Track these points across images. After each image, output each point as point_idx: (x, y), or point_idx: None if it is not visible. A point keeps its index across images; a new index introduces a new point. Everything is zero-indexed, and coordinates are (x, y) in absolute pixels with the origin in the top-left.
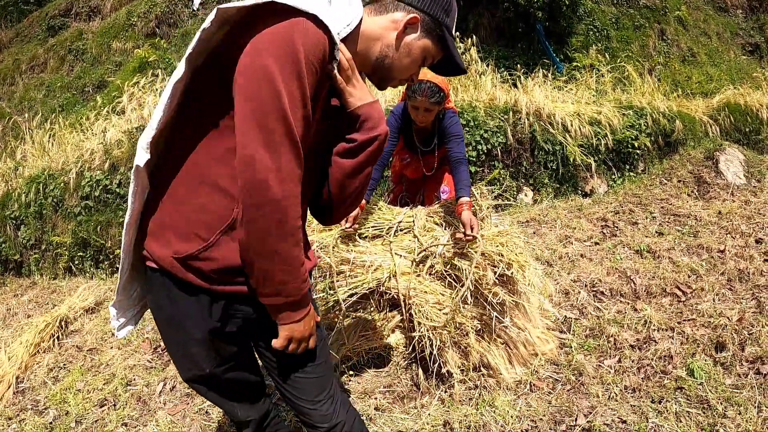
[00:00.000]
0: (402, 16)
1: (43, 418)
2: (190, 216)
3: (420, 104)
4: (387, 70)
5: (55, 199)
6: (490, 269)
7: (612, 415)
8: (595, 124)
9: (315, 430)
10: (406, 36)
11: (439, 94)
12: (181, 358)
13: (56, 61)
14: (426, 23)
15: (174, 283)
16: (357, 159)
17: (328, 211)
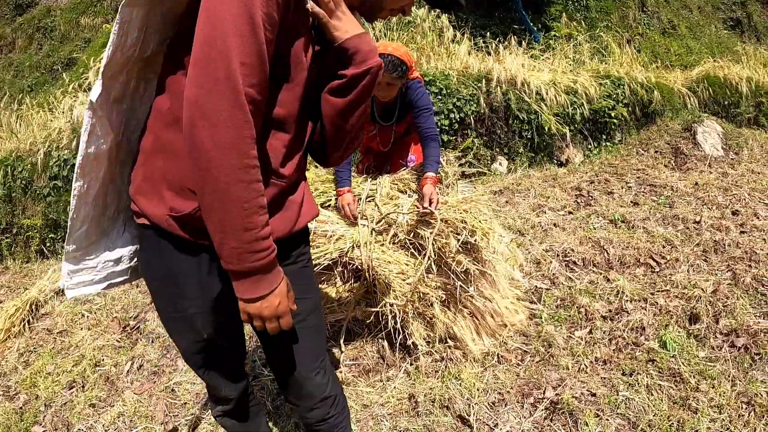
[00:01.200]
0: None
1: (14, 403)
2: (185, 170)
3: (381, 79)
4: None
5: (23, 181)
6: (453, 237)
7: (581, 387)
8: (571, 93)
9: (305, 402)
10: None
11: (400, 67)
12: (177, 322)
13: (24, 40)
14: None
15: (170, 242)
16: (349, 96)
17: (324, 154)
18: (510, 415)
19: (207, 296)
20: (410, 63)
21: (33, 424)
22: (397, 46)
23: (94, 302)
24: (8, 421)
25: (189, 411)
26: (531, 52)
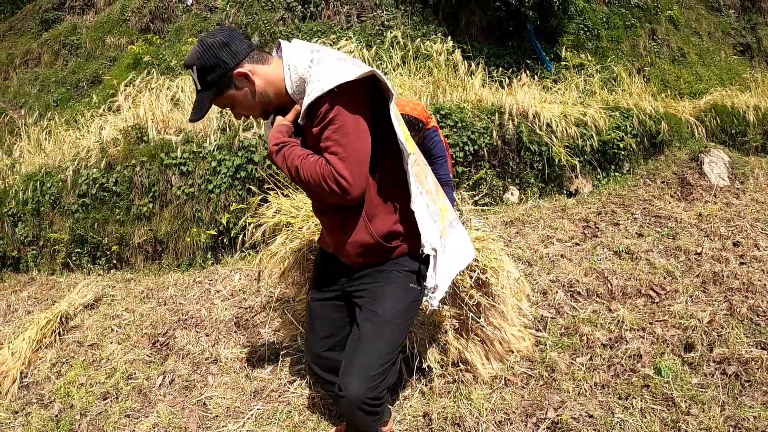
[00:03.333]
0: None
1: (49, 411)
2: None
3: None
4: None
5: (52, 197)
6: (467, 273)
7: (580, 409)
8: (581, 125)
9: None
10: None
11: (417, 125)
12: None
13: (50, 56)
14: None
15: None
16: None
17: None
18: None
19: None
20: (426, 119)
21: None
22: (414, 104)
23: (123, 317)
24: (45, 428)
25: (221, 423)
26: (543, 83)
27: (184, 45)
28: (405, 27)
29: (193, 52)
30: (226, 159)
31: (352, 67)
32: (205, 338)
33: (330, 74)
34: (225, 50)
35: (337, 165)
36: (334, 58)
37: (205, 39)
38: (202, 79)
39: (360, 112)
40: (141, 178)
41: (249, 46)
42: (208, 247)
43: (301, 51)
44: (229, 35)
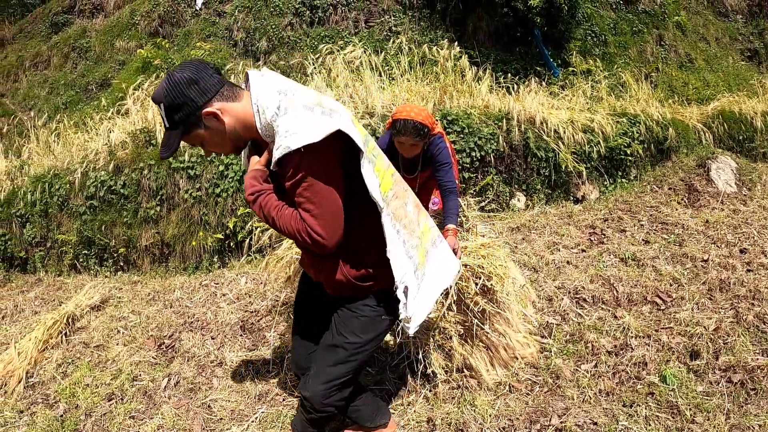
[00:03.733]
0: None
1: (54, 411)
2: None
3: (405, 141)
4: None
5: (60, 198)
6: (472, 280)
7: (584, 416)
8: (588, 132)
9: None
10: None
11: (422, 131)
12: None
13: (60, 59)
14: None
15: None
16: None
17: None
18: None
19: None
20: (431, 124)
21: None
22: (419, 110)
23: (129, 319)
24: (50, 428)
25: (225, 426)
26: (550, 89)
27: (193, 49)
28: (412, 32)
29: (160, 88)
30: (233, 163)
31: (320, 118)
32: (211, 341)
33: (296, 130)
34: (193, 88)
35: (311, 222)
36: (302, 106)
37: (173, 74)
38: (170, 117)
39: (330, 166)
40: (149, 181)
41: (219, 82)
42: (215, 251)
43: (269, 92)
44: (197, 70)
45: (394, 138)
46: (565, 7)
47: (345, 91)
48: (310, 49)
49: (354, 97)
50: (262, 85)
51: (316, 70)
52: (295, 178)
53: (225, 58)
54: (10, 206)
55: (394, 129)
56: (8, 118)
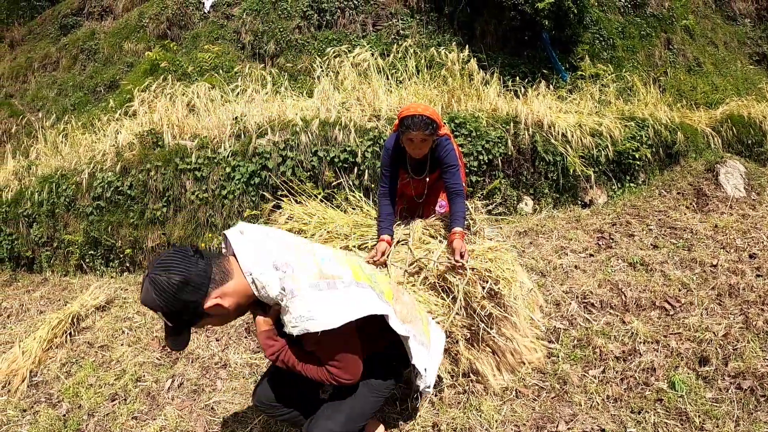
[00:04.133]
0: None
1: (57, 410)
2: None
3: (415, 137)
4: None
5: (67, 199)
6: (479, 284)
7: (592, 423)
8: (596, 136)
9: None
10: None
11: (431, 126)
12: None
13: (68, 60)
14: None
15: None
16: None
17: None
18: None
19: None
20: (439, 121)
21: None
22: (426, 107)
23: (134, 320)
24: (52, 427)
25: (228, 428)
26: (558, 92)
27: (201, 52)
28: (420, 36)
29: (149, 295)
30: (240, 165)
31: (333, 301)
32: (215, 343)
33: (312, 316)
34: (186, 289)
35: (336, 372)
36: (308, 287)
37: (159, 280)
38: (173, 321)
39: (346, 327)
40: (155, 182)
41: (205, 268)
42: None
43: (264, 268)
44: (183, 268)
45: (403, 136)
46: (573, 10)
47: (352, 94)
48: (318, 52)
49: (361, 100)
50: (250, 255)
51: (324, 72)
52: (316, 345)
53: (233, 61)
54: (17, 206)
55: (403, 126)
56: (17, 118)
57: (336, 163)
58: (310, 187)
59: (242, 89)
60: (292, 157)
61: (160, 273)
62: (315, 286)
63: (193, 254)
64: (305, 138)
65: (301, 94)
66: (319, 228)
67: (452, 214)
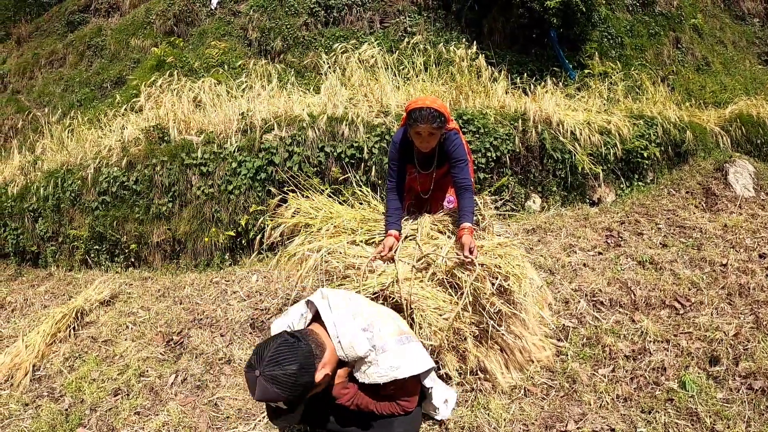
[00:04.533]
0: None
1: (59, 404)
2: None
3: (423, 130)
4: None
5: (72, 194)
6: (488, 281)
7: (602, 422)
8: (604, 133)
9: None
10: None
11: (439, 119)
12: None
13: (75, 57)
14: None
15: None
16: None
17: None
18: None
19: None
20: (447, 114)
21: (78, 426)
22: (433, 99)
23: (138, 315)
24: (54, 421)
25: (231, 425)
26: (566, 90)
27: (207, 48)
28: (428, 33)
29: (271, 392)
30: (246, 160)
31: (414, 353)
32: (220, 338)
33: (399, 365)
34: (303, 374)
35: (406, 405)
36: (394, 342)
37: (277, 375)
38: (293, 404)
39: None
40: (161, 177)
41: (307, 346)
42: (226, 248)
43: (354, 332)
44: (294, 358)
45: (411, 129)
46: (582, 8)
47: (359, 90)
48: (325, 49)
49: (368, 96)
50: (340, 322)
51: (331, 69)
52: (394, 387)
53: (239, 57)
54: (22, 201)
55: (411, 119)
56: (23, 114)
57: (343, 159)
58: (317, 182)
59: (249, 85)
60: (298, 152)
61: (274, 368)
62: (399, 341)
63: (292, 340)
64: (312, 133)
65: (308, 91)
66: (325, 222)
67: (461, 210)
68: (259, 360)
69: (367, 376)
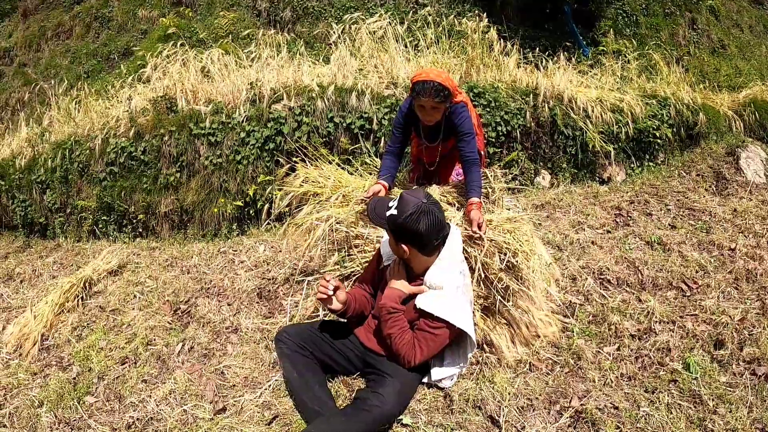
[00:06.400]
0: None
1: (67, 373)
2: None
3: (426, 103)
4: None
5: (80, 165)
6: (497, 256)
7: (605, 400)
8: (617, 112)
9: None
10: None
11: (442, 93)
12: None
13: (82, 28)
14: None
15: None
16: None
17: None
18: (537, 419)
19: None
20: (453, 88)
21: (86, 394)
22: (439, 72)
23: (146, 284)
24: (62, 390)
25: (238, 393)
26: (579, 67)
27: (216, 18)
28: (439, 5)
29: (424, 221)
30: (255, 130)
31: (465, 315)
32: (227, 307)
33: (453, 312)
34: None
35: (418, 353)
36: (466, 301)
37: (431, 209)
38: (393, 225)
39: (447, 335)
40: (169, 147)
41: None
42: (234, 218)
43: (454, 271)
44: (441, 221)
45: (415, 102)
46: None
47: (369, 61)
48: (335, 19)
49: (378, 67)
50: (451, 259)
51: (341, 39)
52: (429, 326)
53: (248, 28)
54: (30, 173)
55: (414, 92)
56: (30, 87)
57: (352, 130)
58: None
59: (257, 55)
60: (307, 122)
61: (433, 206)
62: (465, 303)
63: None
64: (321, 104)
65: (318, 61)
66: (334, 191)
67: (468, 184)
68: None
69: (425, 302)
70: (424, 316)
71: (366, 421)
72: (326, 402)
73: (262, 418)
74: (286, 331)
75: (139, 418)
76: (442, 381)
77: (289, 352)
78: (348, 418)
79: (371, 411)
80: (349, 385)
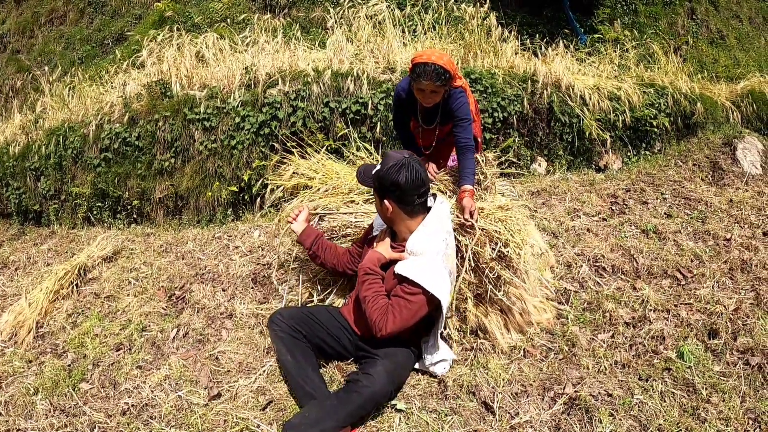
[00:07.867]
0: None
1: (62, 360)
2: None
3: (426, 86)
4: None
5: (74, 151)
6: (489, 246)
7: (599, 387)
8: (614, 100)
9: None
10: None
11: (443, 76)
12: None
13: (75, 14)
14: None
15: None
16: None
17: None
18: (530, 406)
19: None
20: (453, 71)
21: (81, 381)
22: (441, 54)
23: (141, 270)
24: (57, 377)
25: (232, 378)
26: (577, 54)
27: (211, 3)
28: None
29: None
30: (250, 115)
31: (444, 283)
32: (222, 293)
33: (431, 278)
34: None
35: (390, 321)
36: (443, 269)
37: (411, 164)
38: (378, 180)
39: (426, 305)
40: (164, 133)
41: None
42: (229, 204)
43: (437, 239)
44: (422, 176)
45: (414, 84)
46: None
47: (366, 46)
48: (332, 3)
49: (375, 52)
50: (434, 225)
51: (337, 24)
52: (405, 290)
53: (244, 12)
54: (24, 160)
55: (414, 74)
56: (23, 73)
57: (347, 115)
58: (321, 138)
59: (253, 39)
60: (303, 107)
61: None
62: (445, 271)
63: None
64: (317, 89)
65: (314, 46)
66: (324, 182)
67: (462, 171)
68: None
69: (403, 267)
70: (401, 282)
71: (357, 403)
72: (319, 385)
73: (257, 403)
74: (280, 313)
75: (134, 404)
76: (435, 366)
77: (282, 334)
78: (340, 400)
79: (361, 392)
80: (343, 371)
